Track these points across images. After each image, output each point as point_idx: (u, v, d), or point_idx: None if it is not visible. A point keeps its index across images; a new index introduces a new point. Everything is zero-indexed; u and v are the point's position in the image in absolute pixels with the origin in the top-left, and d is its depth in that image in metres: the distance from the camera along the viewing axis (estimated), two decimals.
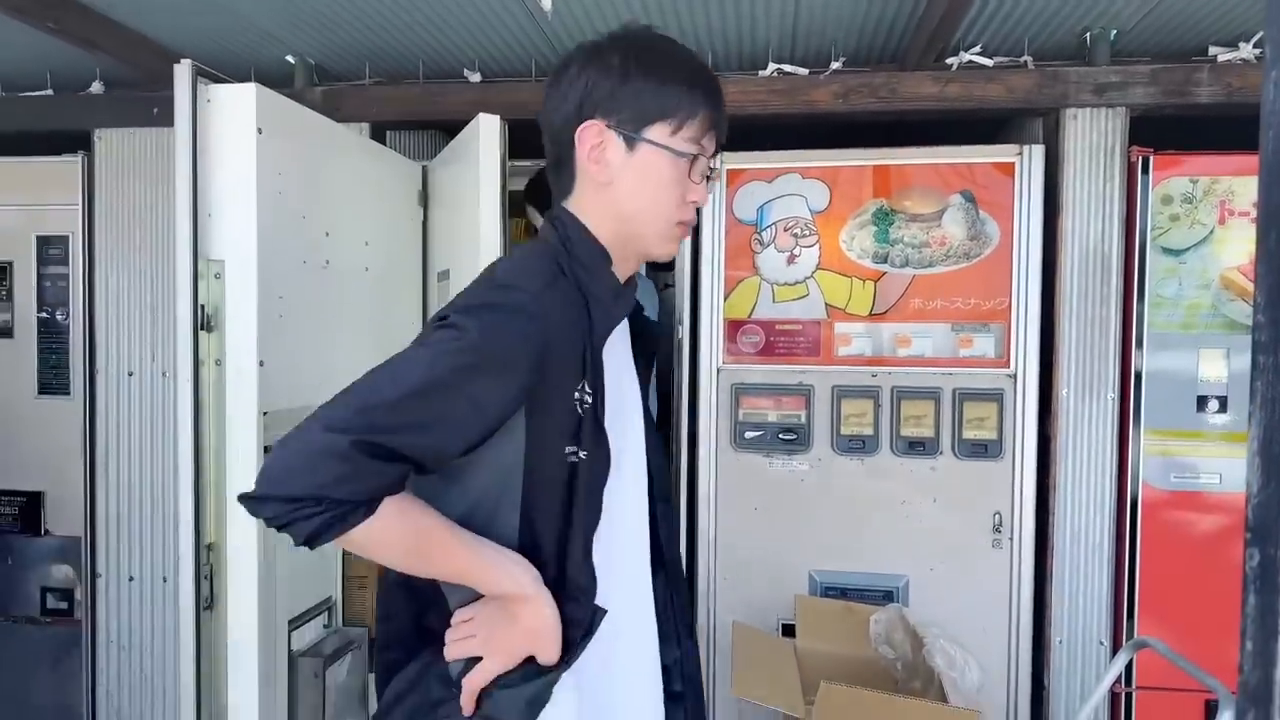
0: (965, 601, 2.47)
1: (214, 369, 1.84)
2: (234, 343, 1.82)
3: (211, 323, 1.83)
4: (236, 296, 1.82)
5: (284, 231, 1.93)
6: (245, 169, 1.80)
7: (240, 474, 1.82)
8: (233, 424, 1.83)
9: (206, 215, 1.81)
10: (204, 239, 1.80)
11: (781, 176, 2.51)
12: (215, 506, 1.85)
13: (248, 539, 1.84)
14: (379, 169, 2.41)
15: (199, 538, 1.82)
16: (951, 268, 2.47)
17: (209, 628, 1.85)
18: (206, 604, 1.85)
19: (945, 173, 2.46)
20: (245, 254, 1.81)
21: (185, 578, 1.82)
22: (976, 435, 2.45)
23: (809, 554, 2.52)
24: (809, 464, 2.52)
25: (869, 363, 2.50)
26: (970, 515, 2.47)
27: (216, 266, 1.83)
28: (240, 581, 1.85)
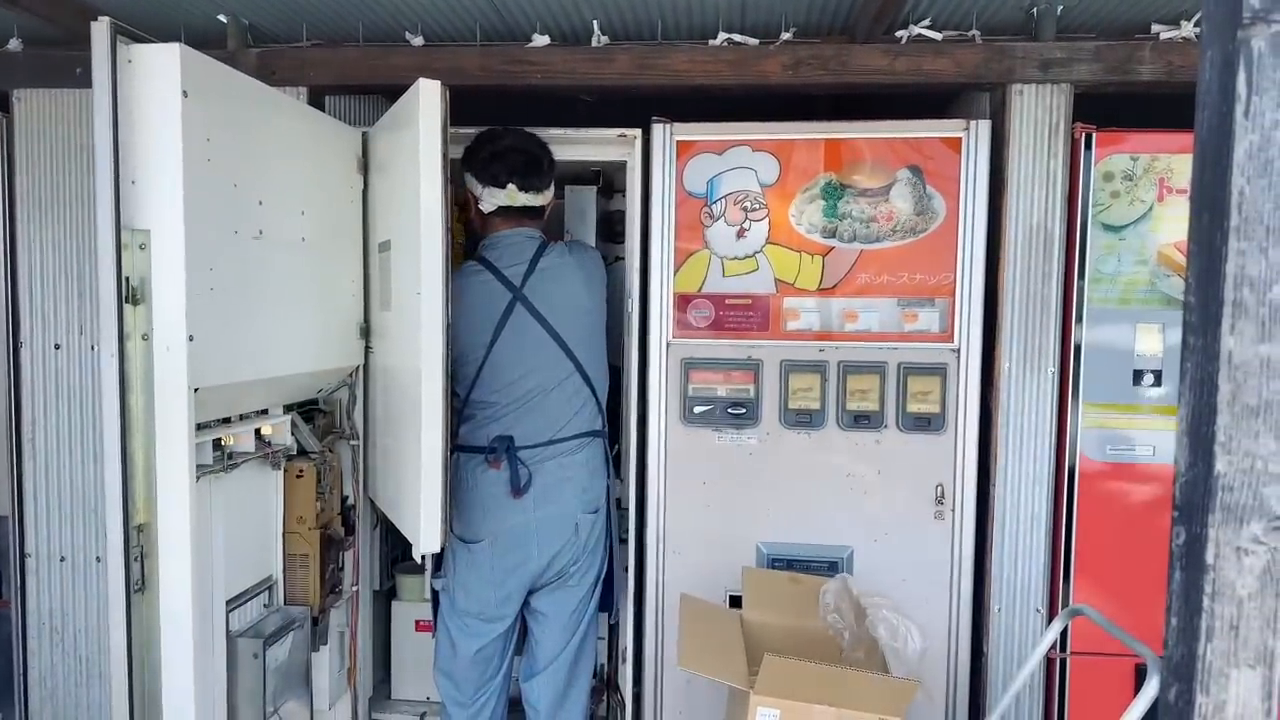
0: (908, 571, 2.51)
1: (140, 344, 1.76)
2: (162, 316, 1.74)
3: (137, 295, 1.75)
4: (163, 268, 1.73)
5: (214, 200, 1.85)
6: (170, 134, 1.71)
7: (171, 451, 1.76)
8: (162, 400, 1.76)
9: (130, 183, 1.72)
10: (128, 208, 1.71)
11: (732, 149, 2.48)
12: (145, 486, 1.78)
13: (180, 518, 1.78)
14: (316, 135, 2.32)
15: (127, 518, 1.75)
16: (898, 243, 2.48)
17: (140, 610, 1.79)
18: (138, 586, 1.79)
19: (894, 147, 2.46)
20: (172, 223, 1.72)
21: (114, 560, 1.75)
22: (920, 409, 2.48)
23: (757, 526, 2.54)
24: (757, 438, 2.53)
25: (817, 337, 2.51)
26: (914, 487, 2.51)
27: (141, 237, 1.74)
28: (172, 562, 1.79)
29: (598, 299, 2.45)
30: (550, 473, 2.34)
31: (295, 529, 2.34)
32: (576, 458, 2.37)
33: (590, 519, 2.39)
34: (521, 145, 2.37)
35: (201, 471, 1.91)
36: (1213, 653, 0.77)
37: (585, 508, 2.38)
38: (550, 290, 2.34)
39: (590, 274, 2.44)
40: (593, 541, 2.40)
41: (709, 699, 2.41)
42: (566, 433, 2.36)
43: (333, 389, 2.54)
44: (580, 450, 2.38)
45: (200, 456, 1.90)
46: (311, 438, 2.42)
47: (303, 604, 2.36)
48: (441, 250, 2.02)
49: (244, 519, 2.17)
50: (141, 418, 1.76)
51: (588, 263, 2.46)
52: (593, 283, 2.43)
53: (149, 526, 1.80)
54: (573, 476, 2.37)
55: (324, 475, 2.39)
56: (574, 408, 2.37)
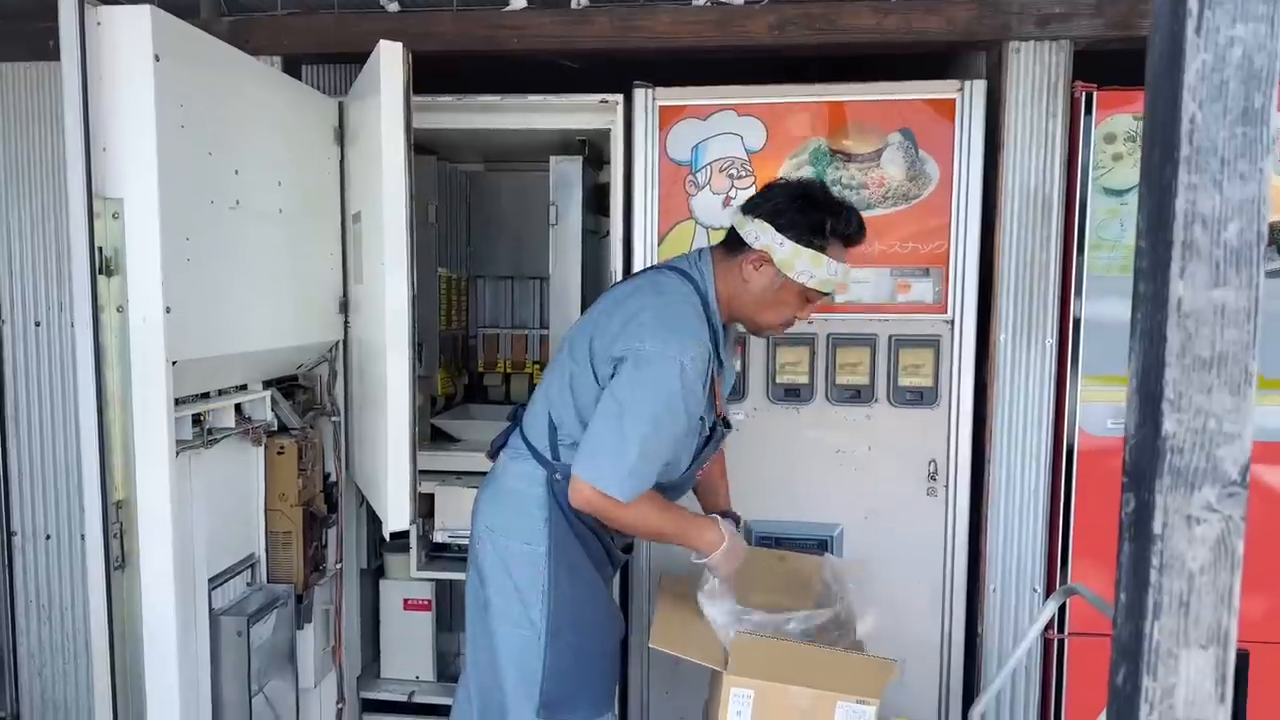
0: (900, 550, 2.44)
1: (116, 316, 1.72)
2: (137, 287, 1.70)
3: (111, 266, 1.70)
4: (138, 238, 1.69)
5: (188, 168, 1.80)
6: (143, 99, 1.66)
7: (149, 426, 1.72)
8: (139, 374, 1.72)
9: (101, 150, 1.67)
10: (100, 176, 1.67)
11: (717, 114, 2.40)
12: (123, 461, 1.74)
13: (160, 495, 1.74)
14: (292, 104, 2.27)
15: (105, 495, 1.72)
16: (890, 210, 2.39)
17: (121, 588, 1.76)
18: (117, 563, 1.76)
19: (885, 110, 2.37)
20: (146, 191, 1.68)
21: (93, 537, 1.72)
22: (912, 383, 2.40)
23: (744, 504, 2.44)
24: (744, 413, 2.46)
25: None
26: (905, 463, 2.43)
27: (114, 205, 1.69)
28: (153, 539, 1.75)
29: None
30: (495, 466, 2.07)
31: (277, 506, 2.31)
32: (514, 464, 1.99)
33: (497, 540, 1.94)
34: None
35: (181, 447, 1.87)
36: (1160, 631, 0.70)
37: (490, 522, 1.97)
38: (604, 297, 2.00)
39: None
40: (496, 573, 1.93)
41: (695, 684, 2.36)
42: (527, 430, 2.00)
43: (313, 364, 2.50)
44: (517, 458, 1.98)
45: (179, 432, 1.86)
46: (292, 414, 2.39)
47: (286, 582, 2.33)
48: (405, 220, 1.96)
49: (225, 496, 2.14)
50: (118, 392, 1.72)
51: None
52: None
53: (128, 503, 1.76)
54: (498, 479, 2.01)
55: (305, 452, 2.35)
56: (537, 411, 1.98)
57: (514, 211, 3.49)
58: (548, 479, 1.87)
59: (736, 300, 1.85)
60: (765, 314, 1.86)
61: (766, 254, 1.78)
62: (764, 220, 1.78)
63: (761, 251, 1.78)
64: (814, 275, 1.78)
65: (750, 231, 1.80)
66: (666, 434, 1.74)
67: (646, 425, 1.70)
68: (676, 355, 1.70)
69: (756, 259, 1.79)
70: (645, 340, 1.73)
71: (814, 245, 1.76)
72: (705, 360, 1.76)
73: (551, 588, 1.86)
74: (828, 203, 1.81)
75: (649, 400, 1.70)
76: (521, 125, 2.56)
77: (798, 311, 1.86)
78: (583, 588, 1.90)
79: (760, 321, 1.88)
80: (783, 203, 1.79)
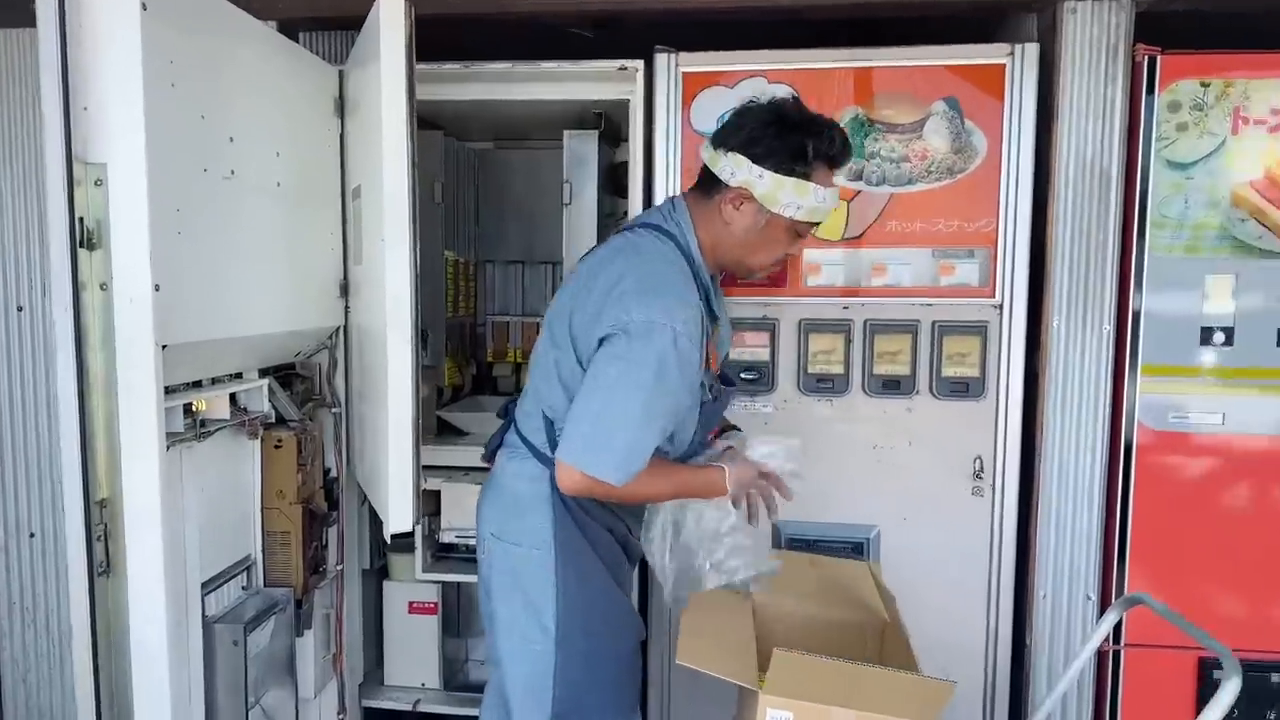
0: (941, 553, 2.27)
1: (99, 294, 1.53)
2: (123, 262, 1.51)
3: (93, 239, 1.50)
4: (123, 207, 1.50)
5: (179, 131, 1.63)
6: (129, 52, 1.46)
7: (137, 416, 1.55)
8: (125, 358, 1.53)
9: (82, 109, 1.47)
10: (81, 138, 1.47)
11: (745, 81, 2.22)
12: (108, 456, 1.56)
13: (149, 492, 1.57)
14: (291, 70, 2.09)
15: (87, 492, 1.55)
16: (933, 185, 2.21)
17: (106, 595, 1.59)
18: (101, 568, 1.58)
19: (928, 76, 2.18)
20: (132, 156, 1.49)
21: (73, 539, 1.55)
22: (957, 372, 2.23)
23: None
24: (773, 405, 2.29)
25: (840, 293, 2.25)
26: (948, 460, 2.26)
27: (97, 171, 1.49)
28: (141, 542, 1.57)
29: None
30: (494, 466, 1.92)
31: (275, 504, 2.15)
32: (512, 464, 1.85)
33: (503, 547, 1.80)
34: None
35: (171, 440, 1.70)
36: None
37: (495, 528, 1.82)
38: (580, 269, 1.80)
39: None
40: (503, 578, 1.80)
41: (722, 695, 2.19)
42: (522, 426, 1.86)
43: (311, 352, 2.34)
44: (515, 457, 1.84)
45: (170, 423, 1.69)
46: (290, 405, 2.23)
47: (284, 585, 2.17)
48: (406, 191, 1.79)
49: (219, 493, 1.98)
50: (101, 378, 1.54)
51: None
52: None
53: (113, 501, 1.58)
54: (497, 480, 1.87)
55: (305, 446, 2.19)
56: (529, 407, 1.84)
57: (525, 191, 3.30)
58: (550, 475, 1.70)
59: (721, 246, 1.69)
60: (754, 256, 1.70)
61: (746, 190, 1.60)
62: (738, 153, 1.60)
63: (740, 188, 1.61)
64: (801, 206, 1.60)
65: (725, 167, 1.61)
66: (661, 410, 1.58)
67: (637, 404, 1.54)
68: (667, 323, 1.53)
69: (735, 197, 1.62)
70: (631, 310, 1.55)
71: (796, 173, 1.58)
72: (698, 323, 1.59)
73: (560, 593, 1.71)
74: (806, 122, 1.61)
75: (641, 376, 1.53)
76: (533, 96, 2.39)
77: (789, 248, 1.70)
78: (594, 591, 1.75)
79: (750, 264, 1.72)
80: (756, 130, 1.59)
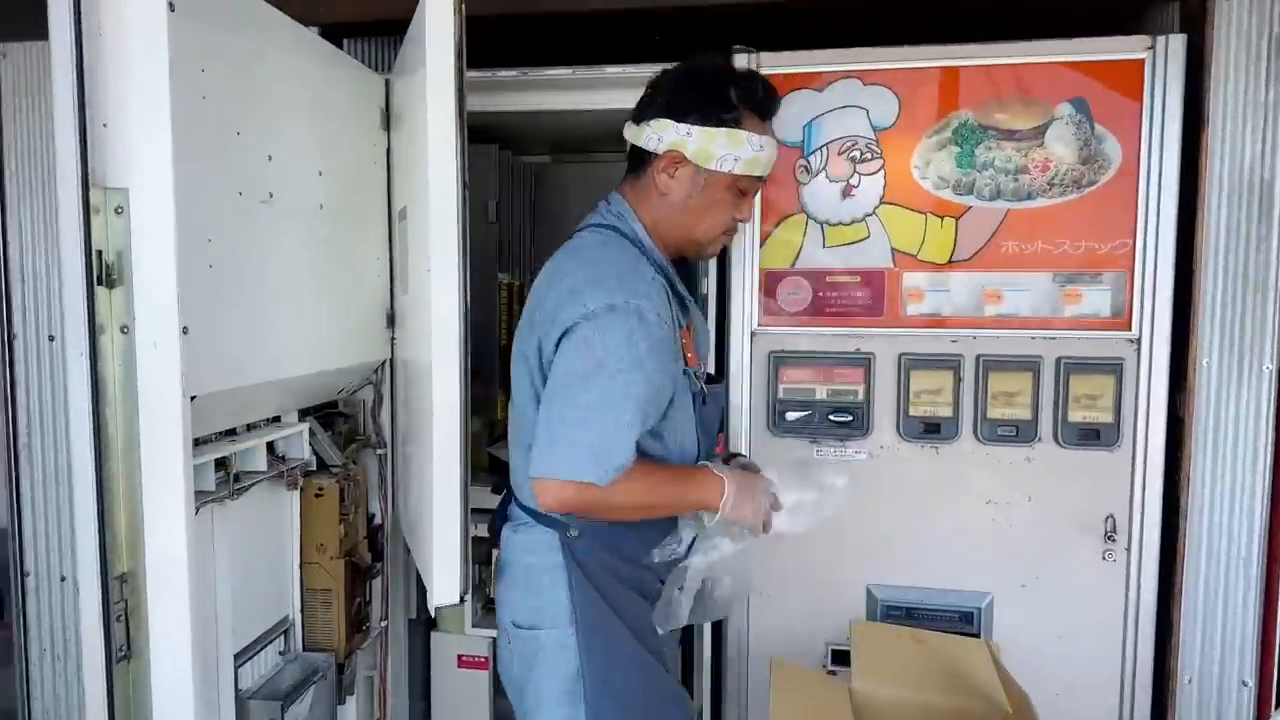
0: (1066, 627, 1.97)
1: (119, 338, 1.33)
2: (146, 302, 1.30)
3: (113, 275, 1.31)
4: (147, 238, 1.29)
5: (211, 150, 1.44)
6: (154, 59, 1.26)
7: (162, 478, 1.33)
8: (148, 412, 1.33)
9: (101, 126, 1.28)
10: (98, 159, 1.27)
11: (836, 83, 1.96)
12: (128, 525, 1.34)
13: (176, 566, 1.35)
14: (334, 77, 1.89)
15: (105, 569, 1.33)
16: (1056, 200, 1.91)
17: (126, 681, 1.36)
18: (121, 654, 1.37)
19: (1052, 75, 1.89)
20: (157, 179, 1.28)
21: (88, 625, 1.32)
22: (1086, 417, 1.93)
23: (866, 564, 2.03)
24: (868, 452, 2.01)
25: (947, 324, 1.97)
26: (1075, 519, 1.96)
27: (117, 197, 1.29)
28: (167, 622, 1.36)
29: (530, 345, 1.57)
30: (502, 548, 1.71)
31: (315, 559, 1.96)
32: (516, 538, 1.66)
33: (526, 637, 1.60)
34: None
35: (202, 500, 1.51)
36: None
37: (515, 615, 1.63)
38: (532, 293, 1.63)
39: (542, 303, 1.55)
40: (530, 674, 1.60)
41: None
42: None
43: (355, 388, 2.14)
44: (518, 530, 1.66)
45: (200, 481, 1.49)
46: (332, 448, 2.03)
47: (326, 649, 1.98)
48: (455, 210, 1.57)
49: (253, 551, 1.79)
50: (121, 436, 1.32)
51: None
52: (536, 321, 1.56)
53: (134, 576, 1.37)
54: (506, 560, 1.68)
55: (348, 493, 2.00)
56: (518, 465, 1.65)
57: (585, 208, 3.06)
58: (560, 540, 1.55)
59: (664, 222, 1.58)
60: (700, 225, 1.58)
61: (677, 152, 1.51)
62: (660, 118, 1.52)
63: (670, 152, 1.52)
64: (738, 157, 1.51)
65: (650, 137, 1.53)
66: (636, 395, 1.41)
67: (607, 391, 1.40)
68: (626, 300, 1.42)
69: (668, 164, 1.53)
70: (587, 301, 1.42)
71: (726, 122, 1.50)
72: (663, 299, 1.49)
73: (587, 676, 1.51)
74: (722, 71, 1.56)
75: (606, 361, 1.40)
76: (596, 105, 2.15)
77: (735, 212, 1.59)
78: (627, 666, 1.54)
79: (698, 236, 1.60)
80: (672, 90, 1.54)
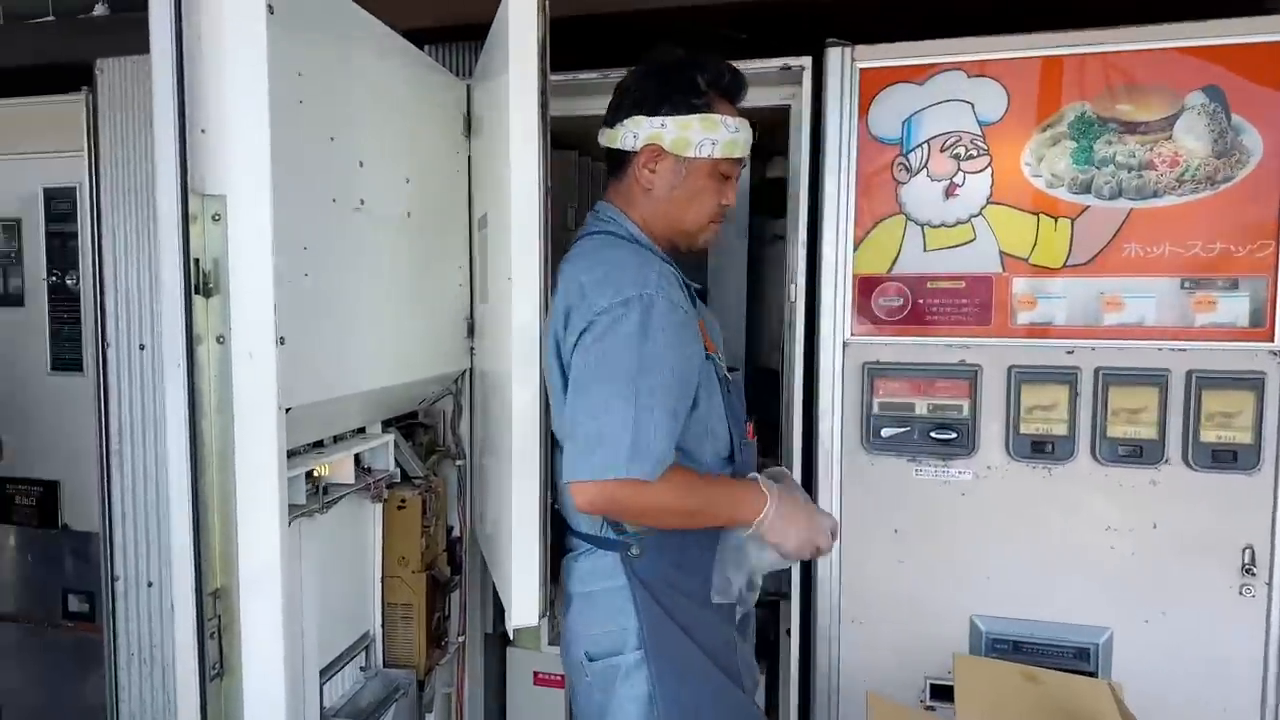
0: (1195, 668, 1.79)
1: (215, 348, 1.30)
2: (243, 311, 1.28)
3: (210, 284, 1.29)
4: (244, 246, 1.28)
5: (307, 156, 1.42)
6: (253, 63, 1.24)
7: (257, 492, 1.30)
8: (244, 424, 1.30)
9: (199, 132, 1.26)
10: (196, 166, 1.26)
11: (938, 75, 1.83)
12: (222, 539, 1.32)
13: (269, 580, 1.32)
14: (421, 83, 1.86)
15: (200, 584, 1.30)
16: (1187, 198, 1.74)
17: (220, 699, 1.33)
18: (215, 671, 1.34)
19: (1181, 61, 1.73)
20: (256, 185, 1.26)
21: (183, 643, 1.29)
22: (1221, 437, 1.74)
23: (970, 593, 1.88)
24: (973, 472, 1.86)
25: (1062, 334, 1.82)
26: (1207, 549, 1.78)
27: (215, 205, 1.27)
28: (261, 638, 1.33)
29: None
30: (565, 580, 1.63)
31: (396, 573, 1.93)
32: (577, 567, 1.58)
33: (601, 667, 1.53)
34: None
35: (293, 513, 1.49)
36: None
37: (588, 646, 1.55)
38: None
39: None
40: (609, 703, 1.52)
41: None
42: (571, 521, 1.61)
43: (436, 399, 2.11)
44: (578, 559, 1.58)
45: (291, 494, 1.47)
46: (415, 459, 2.00)
47: (406, 665, 1.94)
48: (538, 218, 1.51)
49: (337, 565, 1.76)
50: (216, 448, 1.30)
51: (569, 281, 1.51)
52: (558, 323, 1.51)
53: (228, 593, 1.35)
54: (570, 592, 1.60)
55: (429, 505, 1.96)
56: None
57: None
58: (622, 560, 1.50)
59: (654, 217, 1.57)
60: (688, 214, 1.57)
61: (654, 144, 1.51)
62: (632, 116, 1.52)
63: (648, 145, 1.52)
64: (715, 141, 1.50)
65: (625, 137, 1.53)
66: (665, 384, 1.38)
67: (636, 381, 1.35)
68: (639, 291, 1.39)
69: (647, 160, 1.53)
70: (597, 300, 1.40)
71: (697, 107, 1.50)
72: (674, 283, 1.46)
73: (659, 696, 1.44)
74: (685, 60, 1.54)
75: (629, 349, 1.37)
76: None
77: (720, 197, 1.58)
78: (698, 685, 1.47)
79: (688, 226, 1.58)
80: (637, 87, 1.54)
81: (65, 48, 2.36)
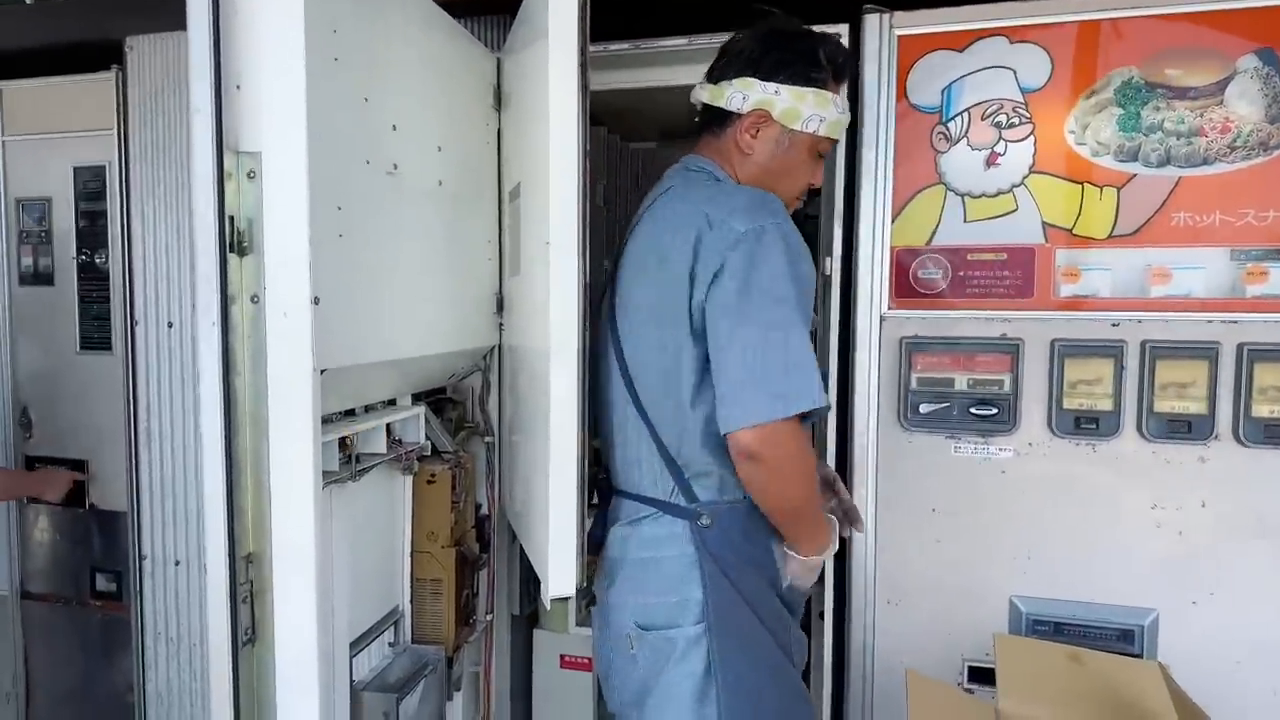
0: (1245, 650, 1.73)
1: (249, 308, 1.27)
2: (277, 270, 1.26)
3: (244, 242, 1.26)
4: (279, 204, 1.25)
5: (342, 115, 1.40)
6: (289, 15, 1.23)
7: (292, 454, 1.27)
8: (278, 385, 1.27)
9: (234, 88, 1.23)
10: (231, 122, 1.23)
11: (979, 41, 1.79)
12: (255, 502, 1.29)
13: (303, 543, 1.29)
14: (453, 51, 1.84)
15: (233, 548, 1.27)
16: (1239, 165, 1.69)
17: (251, 666, 1.31)
18: (247, 636, 1.33)
19: (1232, 22, 1.68)
20: (291, 143, 1.24)
21: (215, 606, 1.27)
22: (1275, 412, 1.69)
23: (1010, 573, 1.83)
24: (1014, 449, 1.82)
25: (1108, 306, 1.76)
26: (1259, 527, 1.72)
27: (250, 162, 1.24)
28: (293, 601, 1.30)
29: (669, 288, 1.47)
30: (613, 548, 1.61)
31: (425, 547, 1.91)
32: (638, 533, 1.56)
33: (655, 639, 1.50)
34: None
35: (326, 479, 1.47)
36: None
37: (640, 617, 1.52)
38: (628, 264, 1.58)
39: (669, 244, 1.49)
40: (659, 678, 1.49)
41: None
42: (632, 487, 1.59)
43: (465, 373, 2.09)
44: (640, 525, 1.56)
45: (325, 460, 1.45)
46: (444, 434, 2.00)
47: (435, 642, 1.92)
48: (578, 187, 1.48)
49: (367, 538, 1.74)
50: (249, 410, 1.27)
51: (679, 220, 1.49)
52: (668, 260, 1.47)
53: (259, 557, 1.33)
54: (626, 559, 1.58)
55: (459, 480, 1.94)
56: (634, 457, 1.57)
57: None
58: (691, 530, 1.47)
59: (747, 181, 1.54)
60: (780, 186, 1.53)
61: (763, 110, 1.48)
62: (744, 77, 1.49)
63: (756, 110, 1.49)
64: (824, 118, 1.49)
65: (732, 97, 1.50)
66: (808, 313, 1.39)
67: (788, 311, 1.35)
68: (775, 222, 1.38)
69: (751, 124, 1.50)
70: (734, 224, 1.38)
71: (815, 81, 1.48)
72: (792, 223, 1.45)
73: (719, 673, 1.41)
74: (805, 32, 1.52)
75: (777, 280, 1.35)
76: None
77: (811, 176, 1.58)
78: (760, 665, 1.46)
79: (777, 197, 1.51)
80: (757, 49, 1.50)
81: (95, 26, 2.35)
